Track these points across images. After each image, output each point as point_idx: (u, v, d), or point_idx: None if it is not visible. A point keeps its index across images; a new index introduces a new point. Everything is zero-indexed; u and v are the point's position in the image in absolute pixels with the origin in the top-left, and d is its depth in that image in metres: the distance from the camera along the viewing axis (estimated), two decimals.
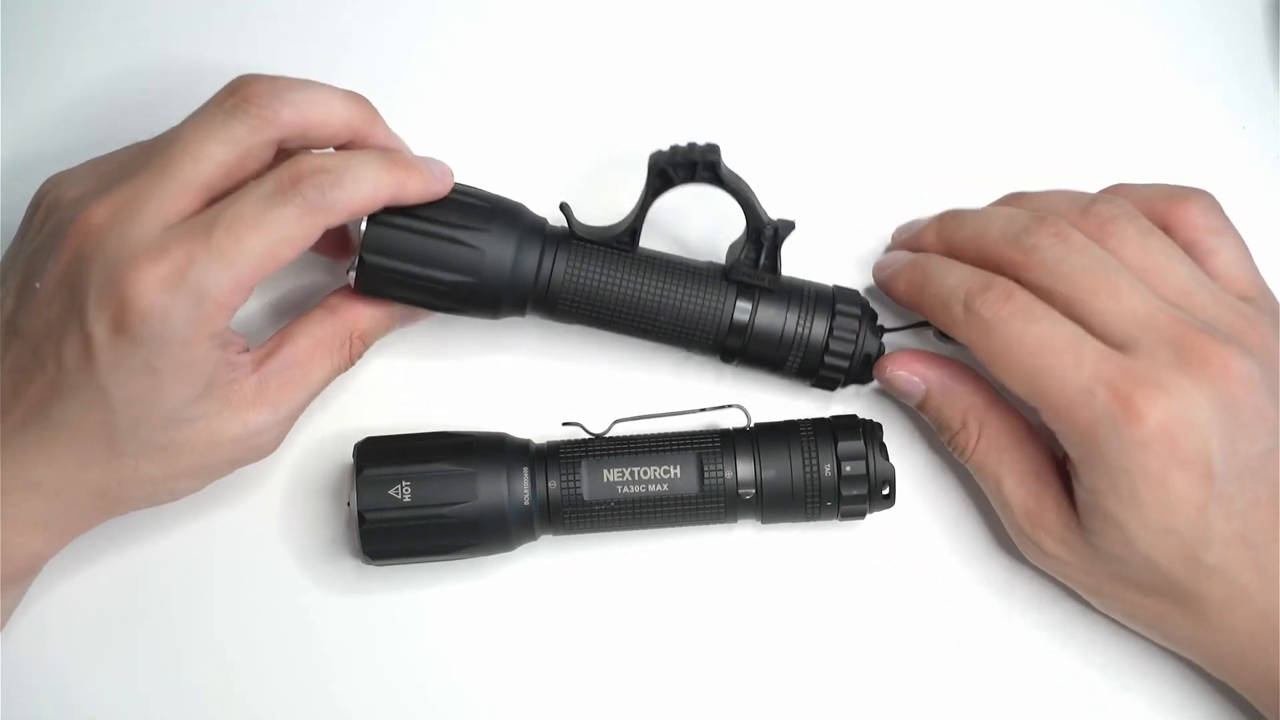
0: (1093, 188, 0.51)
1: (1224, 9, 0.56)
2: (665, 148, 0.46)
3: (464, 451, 0.46)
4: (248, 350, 0.43)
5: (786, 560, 0.49)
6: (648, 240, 0.47)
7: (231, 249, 0.39)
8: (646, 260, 0.47)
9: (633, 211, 0.47)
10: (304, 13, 0.55)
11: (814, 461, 0.46)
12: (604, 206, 0.48)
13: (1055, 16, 0.56)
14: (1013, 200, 0.49)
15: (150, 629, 0.48)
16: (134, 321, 0.39)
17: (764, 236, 0.46)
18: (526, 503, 0.45)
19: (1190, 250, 0.44)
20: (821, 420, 0.47)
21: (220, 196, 0.41)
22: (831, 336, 0.47)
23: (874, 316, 0.49)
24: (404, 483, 0.45)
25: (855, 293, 0.48)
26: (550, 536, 0.47)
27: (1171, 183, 0.47)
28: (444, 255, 0.45)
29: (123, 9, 0.54)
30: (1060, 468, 0.44)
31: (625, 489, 0.46)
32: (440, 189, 0.44)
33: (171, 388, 0.40)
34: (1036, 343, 0.41)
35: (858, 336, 0.47)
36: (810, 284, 0.48)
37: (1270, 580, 0.40)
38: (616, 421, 0.48)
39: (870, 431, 0.47)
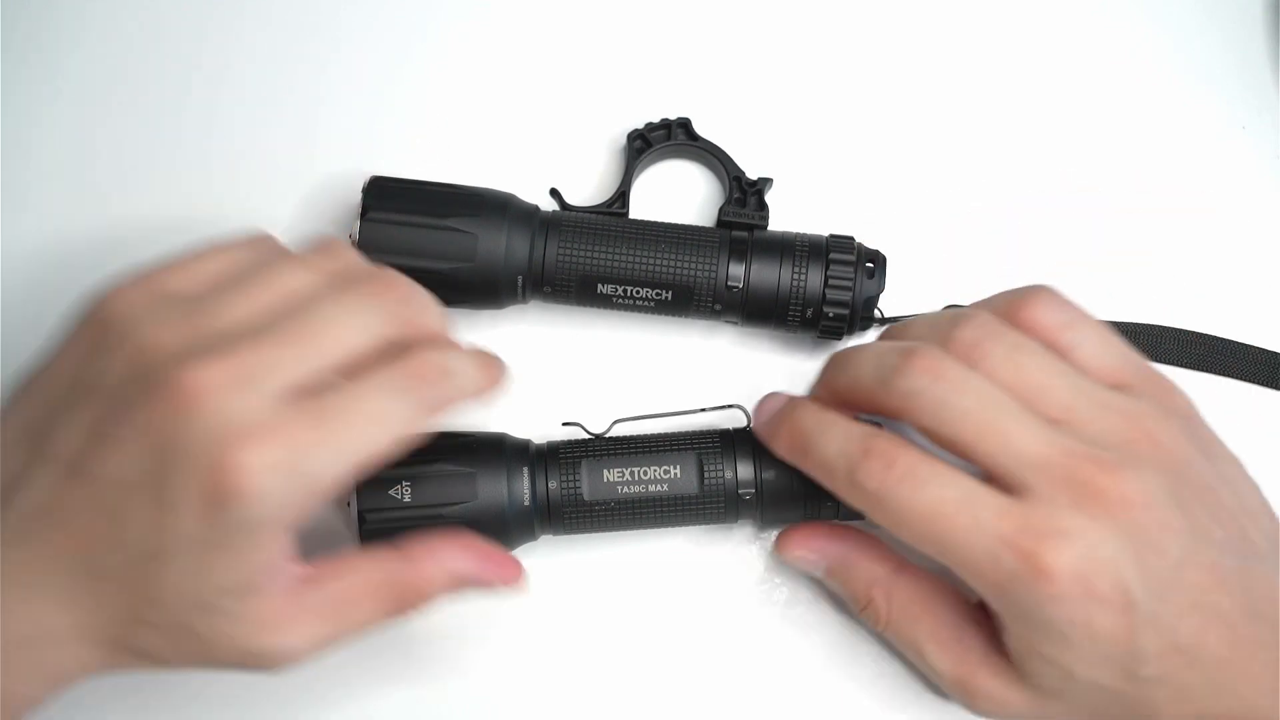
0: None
1: (1224, 9, 0.56)
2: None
3: (464, 452, 0.45)
4: (297, 563, 0.40)
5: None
6: None
7: (349, 441, 0.37)
8: (639, 222, 0.49)
9: (621, 180, 0.49)
10: (301, 13, 0.55)
11: None
12: (591, 200, 0.51)
13: (1055, 15, 0.56)
14: (887, 333, 0.47)
15: None
16: (230, 499, 0.36)
17: (745, 183, 0.50)
18: (526, 503, 0.45)
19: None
20: None
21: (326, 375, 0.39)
22: (828, 286, 0.47)
23: (872, 258, 0.48)
24: (404, 483, 0.45)
25: (850, 239, 0.49)
26: (550, 536, 0.47)
27: (1015, 285, 0.44)
28: (438, 245, 0.46)
29: (121, 8, 0.55)
30: (980, 615, 0.43)
31: (625, 489, 0.46)
32: (507, 385, 0.43)
33: (222, 569, 0.37)
34: (929, 510, 0.39)
35: (854, 282, 0.47)
36: (803, 235, 0.49)
37: (1210, 677, 0.39)
38: (616, 422, 0.48)
39: None
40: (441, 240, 0.46)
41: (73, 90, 0.54)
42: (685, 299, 0.48)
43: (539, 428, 0.48)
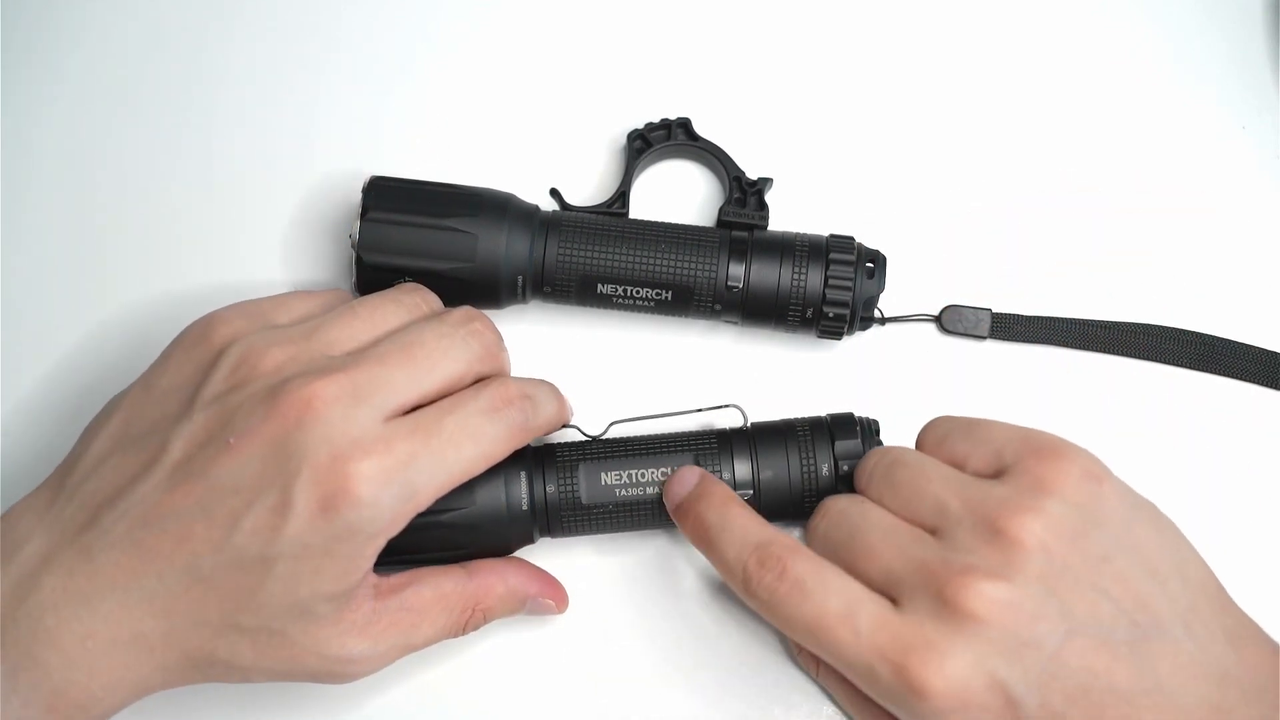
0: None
1: (1224, 9, 0.56)
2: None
3: None
4: (374, 576, 0.42)
5: None
6: None
7: (450, 456, 0.41)
8: (639, 222, 0.49)
9: (621, 180, 0.49)
10: (301, 13, 0.55)
11: (811, 461, 0.46)
12: (591, 200, 0.51)
13: (1055, 15, 0.56)
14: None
15: None
16: (344, 504, 0.39)
17: (745, 183, 0.50)
18: (524, 506, 0.45)
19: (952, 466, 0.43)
20: (818, 419, 0.47)
21: (424, 403, 0.42)
22: (828, 286, 0.47)
23: (872, 258, 0.48)
24: None
25: (850, 239, 0.49)
26: (548, 540, 0.47)
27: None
28: (439, 245, 0.46)
29: (122, 9, 0.55)
30: None
31: (623, 491, 0.46)
32: (569, 415, 0.47)
33: (327, 576, 0.40)
34: (813, 621, 0.40)
35: (854, 282, 0.47)
36: (803, 235, 0.49)
37: None
38: (613, 423, 0.48)
39: (867, 430, 0.47)
40: (441, 240, 0.46)
41: (73, 90, 0.54)
42: (685, 299, 0.48)
43: None
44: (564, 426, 0.46)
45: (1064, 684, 0.38)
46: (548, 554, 0.49)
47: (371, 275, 0.46)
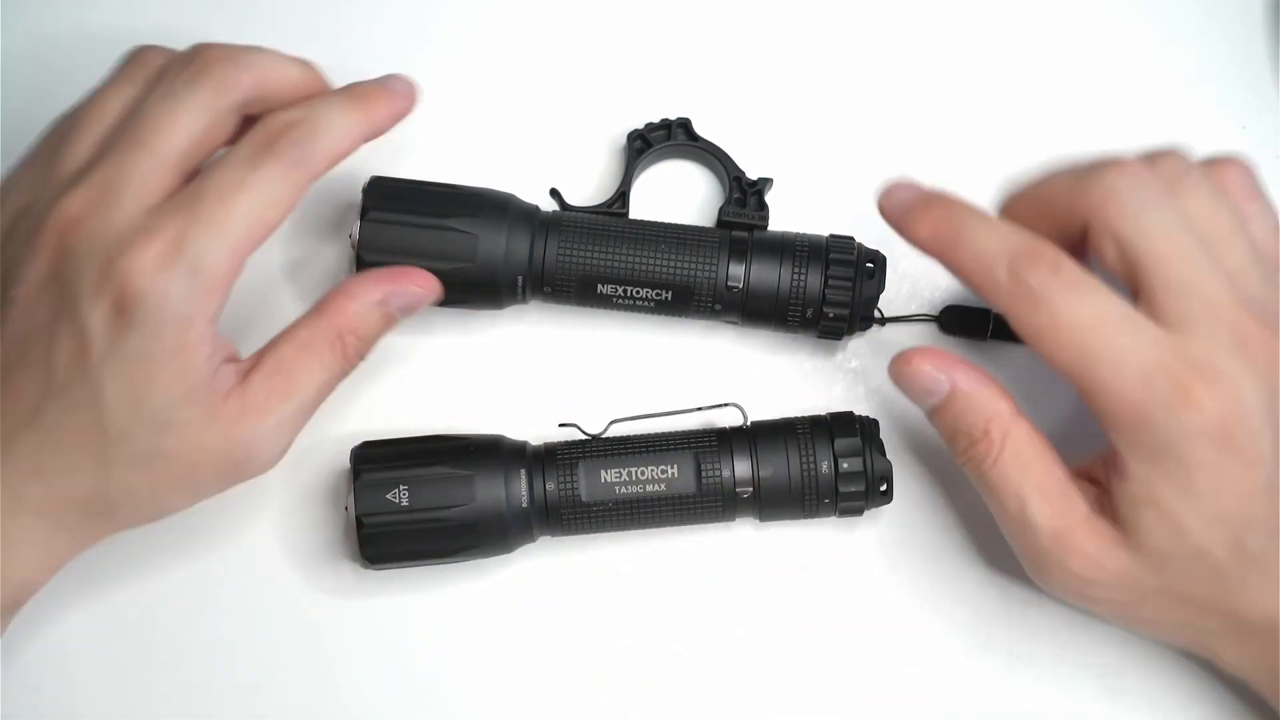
0: None
1: (1224, 9, 0.56)
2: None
3: (461, 454, 0.46)
4: (236, 360, 0.42)
5: (785, 558, 0.49)
6: None
7: (221, 217, 0.39)
8: (639, 222, 0.49)
9: (621, 180, 0.49)
10: (301, 13, 0.55)
11: (811, 459, 0.46)
12: (591, 200, 0.51)
13: (1055, 16, 0.56)
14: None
15: (147, 637, 0.48)
16: (132, 304, 0.38)
17: (745, 183, 0.50)
18: (524, 505, 0.45)
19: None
20: (819, 418, 0.47)
21: (195, 171, 0.41)
22: (828, 286, 0.47)
23: (872, 258, 0.48)
24: (401, 487, 0.45)
25: (850, 239, 0.49)
26: (549, 538, 0.47)
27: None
28: (439, 245, 0.46)
29: (121, 8, 0.55)
30: (1084, 482, 0.42)
31: (623, 489, 0.46)
32: (407, 105, 0.43)
33: (163, 380, 0.39)
34: (1089, 320, 0.38)
35: (854, 282, 0.47)
36: (803, 235, 0.49)
37: None
38: (613, 422, 0.48)
39: (867, 428, 0.47)
40: (441, 240, 0.46)
41: (74, 90, 0.54)
42: (685, 299, 0.48)
43: (536, 429, 0.48)
44: (383, 124, 0.43)
45: None
46: (548, 553, 0.49)
47: None
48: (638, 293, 0.48)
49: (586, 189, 0.53)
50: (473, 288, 0.47)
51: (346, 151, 0.42)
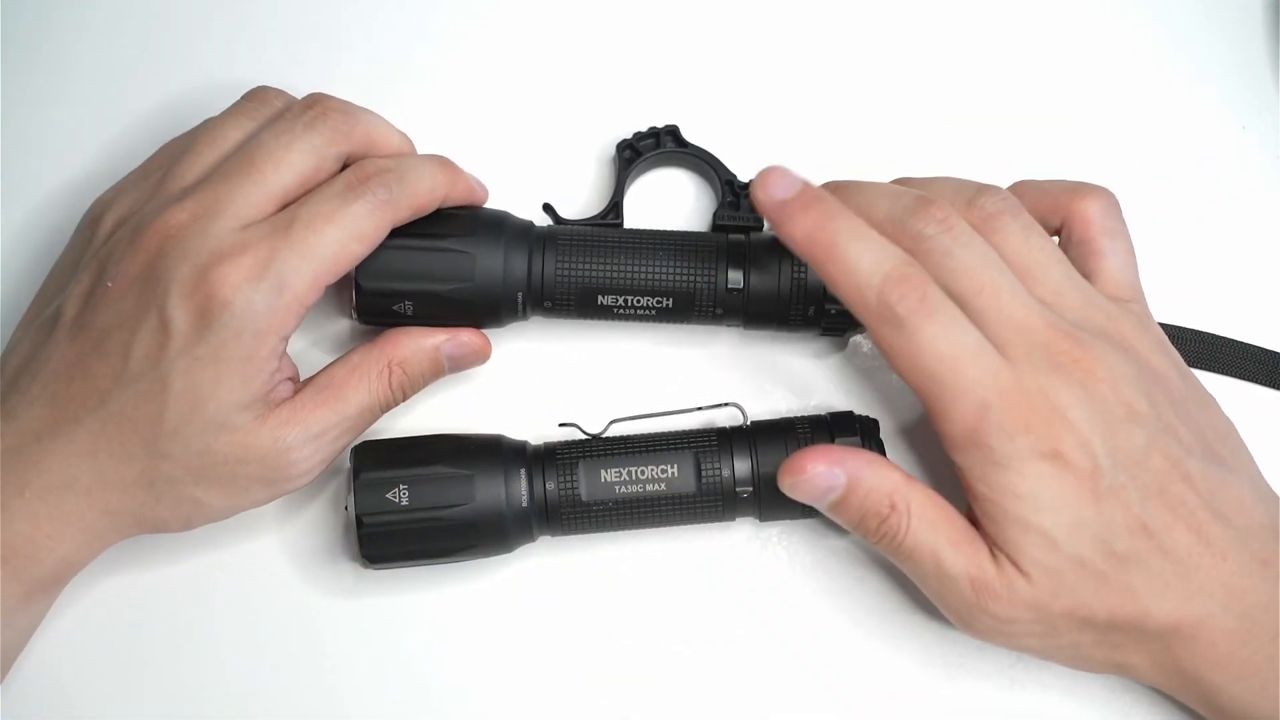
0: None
1: (1224, 9, 0.56)
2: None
3: (461, 454, 0.46)
4: (296, 380, 0.46)
5: (785, 558, 0.49)
6: None
7: (311, 243, 0.42)
8: (635, 231, 0.49)
9: (613, 191, 0.50)
10: (298, 18, 0.55)
11: None
12: (584, 213, 0.51)
13: (1055, 16, 0.56)
14: (904, 182, 0.46)
15: (149, 636, 0.48)
16: (217, 309, 0.41)
17: (737, 186, 0.50)
18: (524, 504, 0.45)
19: (1082, 247, 0.45)
20: (819, 417, 0.47)
21: (290, 202, 0.44)
22: None
23: None
24: (401, 486, 0.45)
25: None
26: (549, 537, 0.47)
27: (1074, 179, 0.46)
28: (437, 266, 0.46)
29: (122, 9, 0.55)
30: (971, 514, 0.43)
31: (623, 489, 0.46)
32: (484, 193, 0.48)
33: (228, 384, 0.42)
34: (947, 350, 0.40)
35: None
36: None
37: (1182, 572, 0.40)
38: (613, 422, 0.48)
39: (866, 428, 0.47)
40: (440, 261, 0.46)
41: (73, 90, 0.54)
42: (686, 305, 0.48)
43: (536, 429, 0.48)
44: (460, 194, 0.47)
45: (1144, 479, 0.40)
46: (548, 552, 0.49)
47: (371, 300, 0.46)
48: (638, 301, 0.48)
49: (578, 202, 0.53)
50: (473, 307, 0.47)
51: (426, 204, 0.45)
